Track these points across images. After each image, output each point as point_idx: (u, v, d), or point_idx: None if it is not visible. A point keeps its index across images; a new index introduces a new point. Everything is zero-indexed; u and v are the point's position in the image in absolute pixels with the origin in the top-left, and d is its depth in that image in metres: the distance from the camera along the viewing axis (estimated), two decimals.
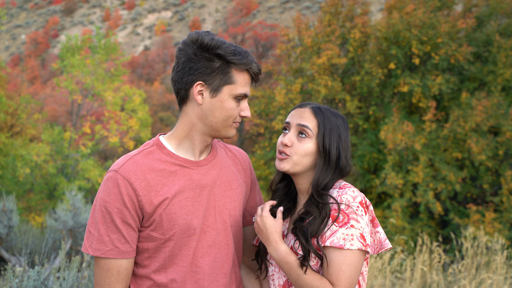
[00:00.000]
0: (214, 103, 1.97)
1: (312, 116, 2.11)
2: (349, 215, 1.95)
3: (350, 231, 1.93)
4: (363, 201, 2.00)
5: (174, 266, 1.96)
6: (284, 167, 2.09)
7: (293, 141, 2.10)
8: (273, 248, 2.01)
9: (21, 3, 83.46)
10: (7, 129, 17.24)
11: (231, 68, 1.96)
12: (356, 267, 1.94)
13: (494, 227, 12.40)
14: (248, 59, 1.97)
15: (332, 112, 2.14)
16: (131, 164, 1.94)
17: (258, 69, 2.02)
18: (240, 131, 24.42)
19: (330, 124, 2.10)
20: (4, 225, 6.74)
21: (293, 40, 17.02)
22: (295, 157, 2.08)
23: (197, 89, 1.97)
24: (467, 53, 14.40)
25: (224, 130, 2.01)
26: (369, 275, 6.11)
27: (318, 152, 2.10)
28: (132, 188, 1.89)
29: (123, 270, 1.93)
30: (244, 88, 1.99)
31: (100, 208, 1.91)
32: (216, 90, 1.96)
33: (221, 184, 2.07)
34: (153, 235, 1.93)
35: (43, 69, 58.63)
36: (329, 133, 2.09)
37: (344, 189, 2.02)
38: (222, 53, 1.94)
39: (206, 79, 1.96)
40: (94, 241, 1.91)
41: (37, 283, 3.49)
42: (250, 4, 66.72)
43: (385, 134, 13.71)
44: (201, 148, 2.04)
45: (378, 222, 2.09)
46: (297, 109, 2.17)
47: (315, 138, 2.09)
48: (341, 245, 1.92)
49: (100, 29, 18.64)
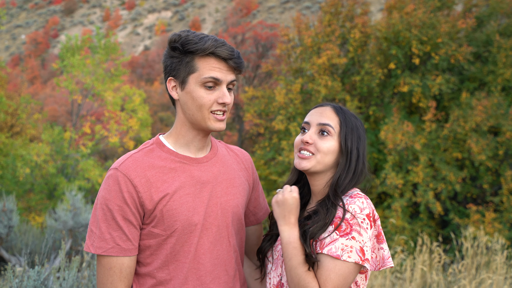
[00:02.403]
0: (185, 96, 1.98)
1: (334, 114, 2.08)
2: (352, 226, 1.90)
3: (350, 243, 1.88)
4: (371, 214, 1.94)
5: (176, 263, 1.96)
6: (305, 166, 2.04)
7: (314, 139, 2.05)
8: (288, 228, 1.96)
9: (21, 3, 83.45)
10: (7, 129, 17.24)
11: (192, 57, 1.94)
12: (346, 278, 1.88)
13: (494, 227, 12.40)
14: (207, 44, 1.92)
15: (351, 114, 2.11)
16: (131, 162, 1.95)
17: (229, 50, 1.94)
18: (240, 131, 24.41)
19: (351, 124, 2.07)
20: (4, 225, 6.74)
21: (293, 40, 17.02)
22: (319, 156, 2.04)
23: (170, 85, 2.01)
24: (467, 53, 14.39)
25: (203, 121, 1.97)
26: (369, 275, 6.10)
27: (339, 151, 2.06)
28: (132, 185, 1.90)
29: (125, 268, 1.92)
30: (210, 73, 1.93)
31: (101, 206, 1.91)
32: (183, 82, 1.97)
33: (223, 181, 2.07)
34: (155, 232, 1.93)
35: (43, 69, 58.63)
36: (351, 132, 2.06)
37: (354, 198, 1.96)
38: (178, 45, 1.95)
39: (175, 74, 1.98)
40: (95, 239, 1.91)
41: (37, 283, 3.49)
42: (250, 4, 66.73)
43: (385, 134, 13.71)
44: (196, 144, 2.04)
45: (385, 238, 2.01)
46: (317, 108, 2.13)
47: (337, 136, 2.05)
48: (338, 255, 1.87)
49: (100, 29, 18.63)
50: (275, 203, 2.01)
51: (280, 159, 15.28)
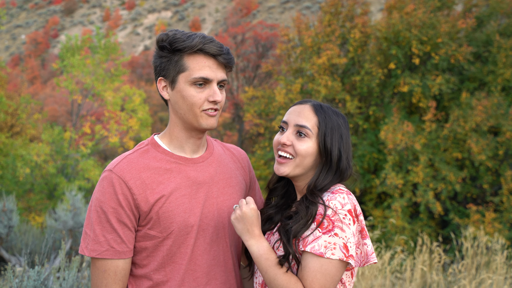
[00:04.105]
0: (175, 95, 1.95)
1: (312, 114, 1.99)
2: (334, 222, 1.84)
3: (333, 240, 1.82)
4: (353, 209, 1.87)
5: (173, 265, 1.94)
6: (284, 172, 1.99)
7: (291, 140, 1.99)
8: (255, 241, 1.89)
9: (21, 3, 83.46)
10: (7, 129, 17.24)
11: (181, 56, 1.92)
12: (333, 277, 1.83)
13: (494, 227, 12.39)
14: (195, 41, 1.89)
15: (333, 111, 2.02)
16: (126, 163, 1.92)
17: (217, 46, 1.90)
18: (240, 131, 24.41)
19: (331, 123, 1.98)
20: (4, 225, 6.74)
21: (293, 40, 17.02)
22: (298, 159, 1.97)
23: (161, 85, 1.99)
24: (467, 53, 14.40)
25: (195, 120, 1.94)
26: (369, 275, 6.10)
27: (318, 153, 1.99)
28: (127, 187, 1.88)
29: (120, 271, 1.91)
30: (200, 72, 1.90)
31: (95, 208, 1.89)
32: (173, 81, 1.95)
33: (219, 181, 2.05)
34: (151, 234, 1.92)
35: (43, 69, 58.62)
36: (330, 132, 1.97)
37: (335, 194, 1.89)
38: (166, 44, 1.93)
39: (164, 74, 1.96)
40: (90, 242, 1.89)
41: (37, 283, 3.49)
42: (250, 4, 66.72)
43: (385, 134, 13.71)
44: (191, 146, 2.01)
45: (368, 233, 1.95)
46: (296, 107, 2.05)
47: (315, 138, 1.98)
48: (321, 253, 1.82)
49: (100, 29, 18.63)
50: (234, 220, 1.93)
51: None
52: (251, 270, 2.17)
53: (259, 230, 1.93)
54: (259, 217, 1.94)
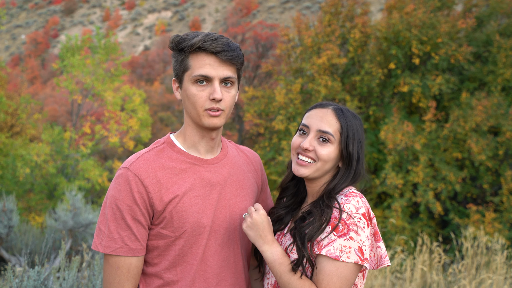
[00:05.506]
0: (183, 94, 1.99)
1: (335, 119, 1.99)
2: (349, 226, 1.86)
3: (348, 243, 1.85)
4: (367, 213, 1.90)
5: (184, 265, 1.95)
6: (304, 173, 2.00)
7: (314, 145, 1.99)
8: (268, 247, 1.91)
9: (21, 3, 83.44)
10: (7, 129, 17.23)
11: (186, 55, 1.94)
12: (348, 280, 1.86)
13: (494, 227, 12.39)
14: (195, 39, 1.90)
15: (352, 114, 2.03)
16: (142, 162, 1.93)
17: (217, 44, 1.90)
18: (240, 131, 24.40)
19: (352, 128, 2.00)
20: (4, 225, 6.74)
21: (293, 40, 17.02)
22: (319, 164, 1.98)
23: (175, 86, 2.03)
24: (467, 53, 14.40)
25: (199, 119, 1.95)
26: (369, 275, 6.11)
27: (339, 157, 2.01)
28: (143, 185, 1.89)
29: (133, 268, 1.92)
30: (200, 70, 1.90)
31: (111, 205, 1.90)
32: (181, 81, 1.98)
33: (232, 183, 2.06)
34: (164, 233, 1.93)
35: (43, 69, 58.61)
36: (352, 137, 1.99)
37: (349, 197, 1.92)
38: (174, 45, 1.96)
39: (176, 74, 2.00)
40: (104, 238, 1.90)
41: (37, 283, 3.49)
42: (250, 4, 66.71)
43: (385, 134, 13.71)
44: (204, 145, 2.02)
45: (381, 237, 1.99)
46: (317, 110, 2.04)
47: (337, 143, 1.99)
48: (337, 256, 1.84)
49: (100, 29, 18.63)
50: (246, 228, 1.94)
51: (280, 159, 15.28)
52: (261, 271, 2.18)
53: (272, 235, 1.94)
54: (270, 222, 1.96)
